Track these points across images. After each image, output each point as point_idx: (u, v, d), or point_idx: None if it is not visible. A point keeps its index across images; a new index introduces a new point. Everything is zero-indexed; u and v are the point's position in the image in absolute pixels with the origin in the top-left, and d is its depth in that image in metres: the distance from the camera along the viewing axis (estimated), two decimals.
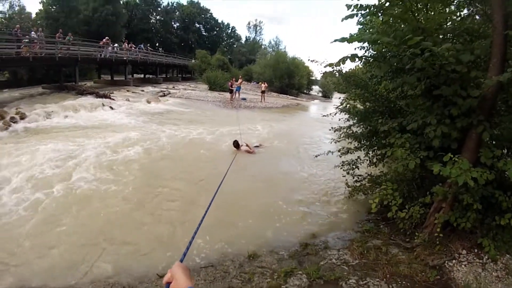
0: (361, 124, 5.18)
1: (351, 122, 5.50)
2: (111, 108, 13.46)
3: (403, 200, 4.00)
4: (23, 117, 10.00)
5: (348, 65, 10.84)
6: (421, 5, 3.95)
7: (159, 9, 47.92)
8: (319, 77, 36.99)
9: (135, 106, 14.90)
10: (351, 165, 5.35)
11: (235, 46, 55.24)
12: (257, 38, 58.79)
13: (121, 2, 34.54)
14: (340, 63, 3.50)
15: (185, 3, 50.55)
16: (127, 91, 18.83)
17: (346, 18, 3.69)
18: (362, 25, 7.43)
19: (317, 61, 4.91)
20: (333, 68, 4.45)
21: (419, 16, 3.95)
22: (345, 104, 5.34)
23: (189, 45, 48.97)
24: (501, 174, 3.39)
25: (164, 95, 19.59)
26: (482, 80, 3.32)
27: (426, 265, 3.44)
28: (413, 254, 3.65)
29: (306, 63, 32.66)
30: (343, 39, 3.60)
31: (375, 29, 5.54)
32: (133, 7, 42.83)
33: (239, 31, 63.84)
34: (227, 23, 55.95)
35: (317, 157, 6.35)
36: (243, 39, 58.44)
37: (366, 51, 4.69)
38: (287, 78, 30.48)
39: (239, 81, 22.50)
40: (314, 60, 4.97)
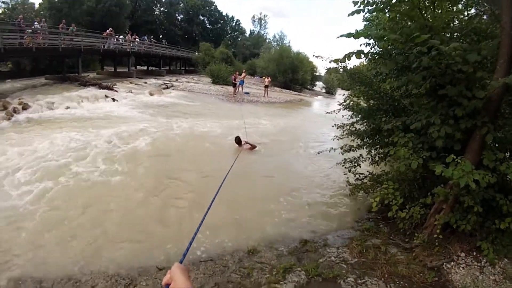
0: (364, 121, 5.16)
1: (354, 119, 5.47)
2: (113, 100, 13.45)
3: (403, 200, 3.99)
4: (25, 107, 10.03)
5: (353, 62, 10.73)
6: (429, 3, 3.90)
7: (163, 0, 47.44)
8: (323, 73, 36.71)
9: (138, 98, 14.88)
10: (353, 163, 5.35)
11: (239, 39, 54.65)
12: (262, 32, 58.08)
13: None
14: (346, 59, 3.46)
15: None
16: (130, 83, 18.78)
17: (352, 14, 3.66)
18: (368, 22, 7.35)
19: (321, 57, 4.86)
20: (338, 64, 4.41)
21: (426, 13, 3.90)
22: (348, 101, 5.31)
23: (193, 37, 48.53)
24: (503, 177, 3.36)
25: (167, 87, 19.51)
26: (488, 81, 3.27)
27: (424, 266, 3.45)
28: (412, 254, 3.66)
29: (311, 58, 32.46)
30: (349, 34, 3.58)
31: (381, 25, 5.47)
32: None
33: (243, 25, 63.05)
34: (232, 16, 55.34)
35: (319, 153, 6.37)
36: (248, 32, 57.90)
37: (371, 48, 4.66)
38: (291, 73, 30.21)
39: (243, 75, 22.33)
40: (319, 56, 4.93)
